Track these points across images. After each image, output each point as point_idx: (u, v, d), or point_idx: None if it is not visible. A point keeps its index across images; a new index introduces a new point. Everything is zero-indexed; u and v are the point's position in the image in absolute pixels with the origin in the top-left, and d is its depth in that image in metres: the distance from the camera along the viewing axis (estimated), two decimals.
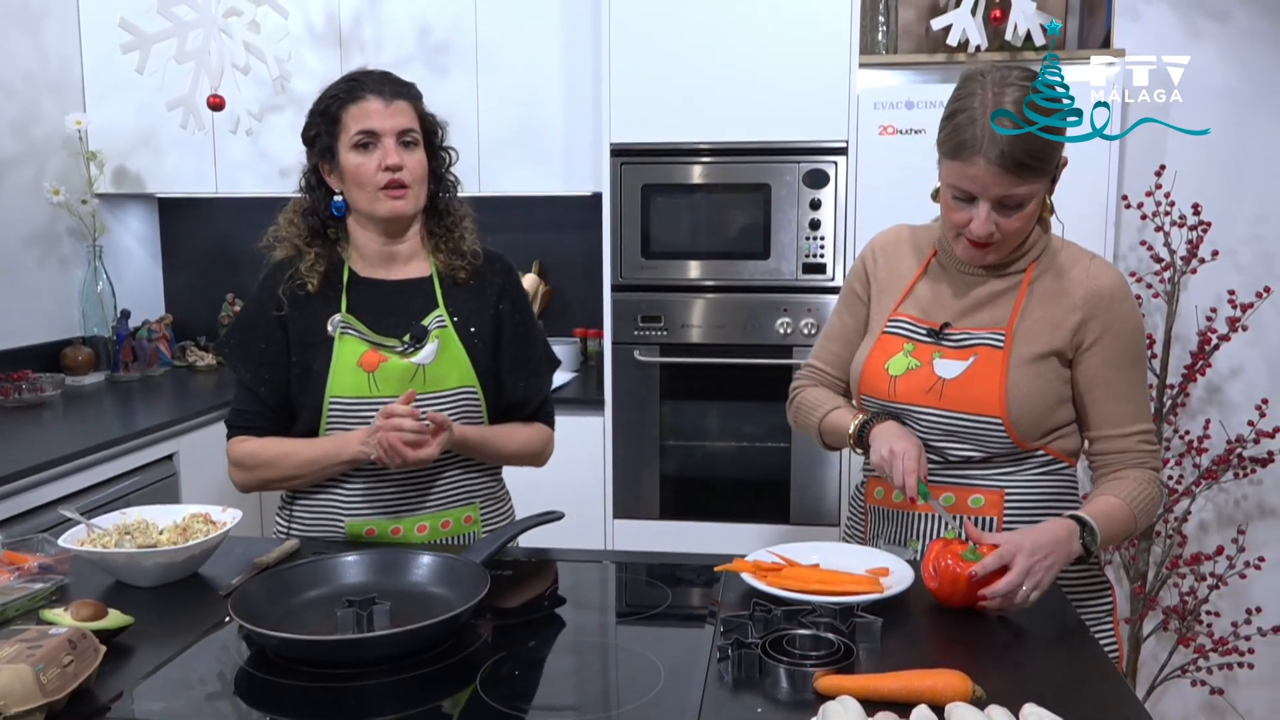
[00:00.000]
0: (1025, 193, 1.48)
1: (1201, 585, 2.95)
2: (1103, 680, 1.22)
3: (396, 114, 1.70)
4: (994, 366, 1.55)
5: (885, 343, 1.65)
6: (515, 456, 1.85)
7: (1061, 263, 1.60)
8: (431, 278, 1.79)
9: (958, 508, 1.60)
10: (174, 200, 3.77)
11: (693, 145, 2.93)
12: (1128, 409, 1.56)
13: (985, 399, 1.54)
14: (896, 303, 1.67)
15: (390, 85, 1.73)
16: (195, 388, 3.30)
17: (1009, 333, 1.56)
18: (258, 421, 1.75)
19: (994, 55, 2.88)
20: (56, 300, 3.34)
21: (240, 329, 1.79)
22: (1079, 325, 1.55)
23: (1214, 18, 2.99)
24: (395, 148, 1.69)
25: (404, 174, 1.69)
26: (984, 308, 1.61)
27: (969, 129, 1.46)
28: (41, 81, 3.25)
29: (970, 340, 1.59)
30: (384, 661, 1.23)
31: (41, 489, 2.28)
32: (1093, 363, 1.56)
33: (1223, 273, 2.97)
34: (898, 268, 1.71)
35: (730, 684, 1.18)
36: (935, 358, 1.59)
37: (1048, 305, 1.57)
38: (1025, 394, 1.54)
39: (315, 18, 3.28)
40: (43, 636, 1.12)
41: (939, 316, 1.63)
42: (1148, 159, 2.97)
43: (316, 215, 1.76)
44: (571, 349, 3.45)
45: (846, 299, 1.77)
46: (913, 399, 1.59)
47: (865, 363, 1.66)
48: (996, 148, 1.43)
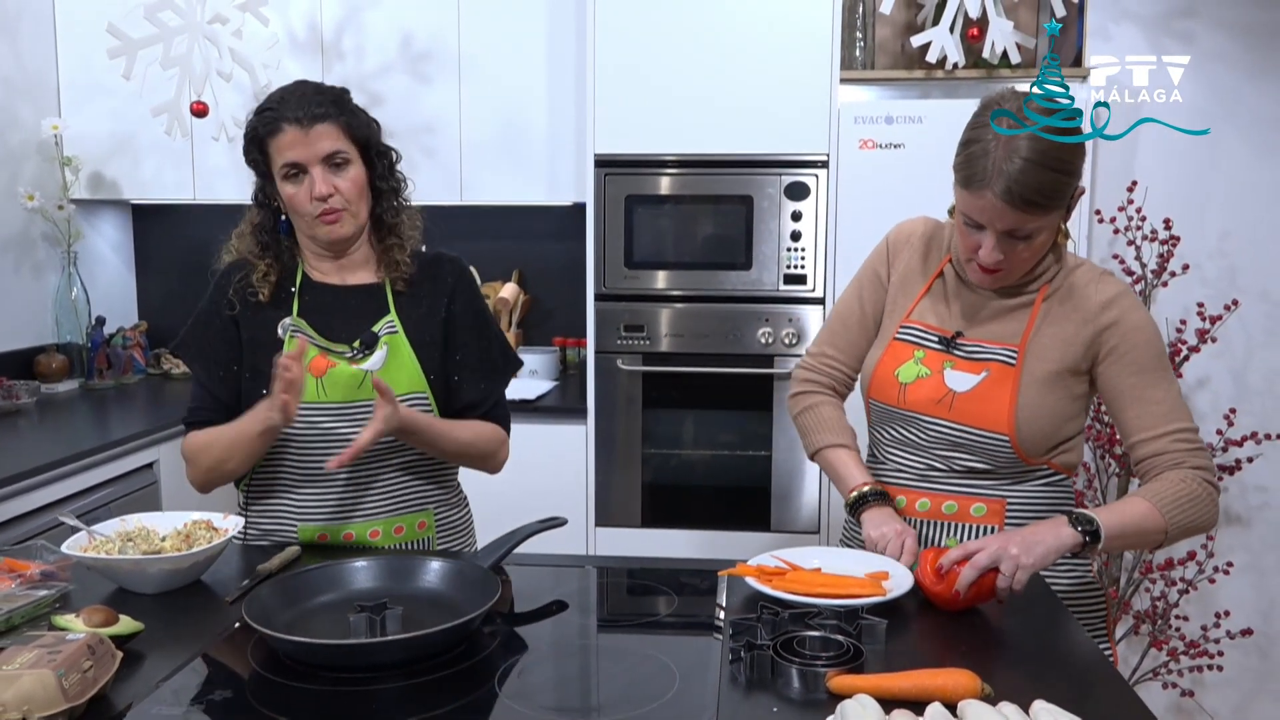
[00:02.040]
0: (1034, 227, 1.49)
1: (1172, 590, 3.03)
2: (1101, 678, 1.26)
3: (318, 139, 1.65)
4: (1006, 384, 1.57)
5: (896, 349, 1.68)
6: (466, 448, 1.78)
7: (1074, 282, 1.61)
8: (383, 284, 1.79)
9: (960, 515, 1.63)
10: (148, 207, 3.73)
11: (676, 157, 2.97)
12: (1156, 411, 1.55)
13: (995, 416, 1.57)
14: (910, 307, 1.69)
15: (308, 108, 1.65)
16: (171, 395, 3.27)
17: (1021, 350, 1.58)
18: (211, 418, 1.73)
19: (971, 73, 2.95)
20: (30, 306, 3.29)
21: (195, 327, 1.78)
22: (1092, 339, 1.57)
23: (1180, 39, 3.09)
24: (323, 175, 1.66)
25: (335, 199, 1.67)
26: (997, 320, 1.63)
27: (981, 161, 1.46)
28: (17, 86, 3.21)
29: (983, 354, 1.61)
30: (397, 666, 1.24)
31: (24, 496, 2.26)
32: (1113, 372, 1.57)
33: (1191, 286, 3.06)
34: (916, 263, 1.71)
35: (744, 685, 1.20)
36: (947, 367, 1.62)
37: (1060, 323, 1.59)
38: (1034, 413, 1.56)
39: (297, 26, 3.27)
40: (61, 642, 1.12)
41: (951, 325, 1.65)
42: (1119, 175, 3.05)
43: (267, 232, 1.77)
44: (551, 358, 3.46)
45: (868, 280, 1.76)
46: (922, 408, 1.62)
47: (876, 368, 1.69)
48: (1004, 183, 1.44)
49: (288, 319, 1.72)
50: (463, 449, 1.78)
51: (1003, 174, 1.44)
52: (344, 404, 1.69)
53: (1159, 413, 1.55)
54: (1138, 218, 2.95)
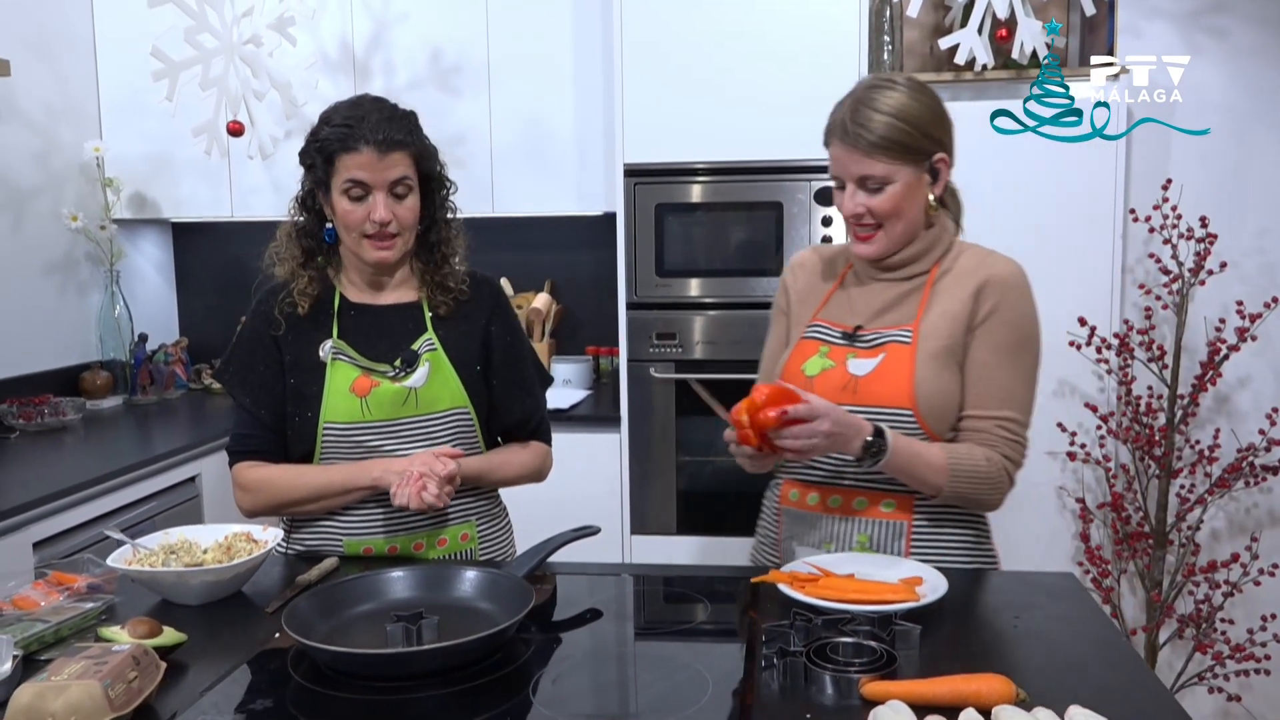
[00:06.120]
0: (883, 172, 1.59)
1: (1216, 593, 2.98)
2: (1140, 683, 1.24)
3: (390, 167, 1.67)
4: (903, 361, 1.62)
5: (803, 347, 1.73)
6: (514, 480, 1.87)
7: (963, 261, 1.68)
8: (421, 302, 1.80)
9: (870, 511, 1.66)
10: (188, 225, 3.81)
11: (705, 164, 2.98)
12: (996, 394, 1.62)
13: (896, 392, 1.61)
14: (815, 311, 1.76)
15: (387, 133, 1.66)
16: (212, 410, 3.33)
17: (916, 329, 1.64)
18: (261, 445, 1.76)
19: (1000, 74, 2.93)
20: (75, 325, 3.37)
21: (238, 354, 1.79)
22: (972, 312, 1.63)
23: (1214, 34, 3.05)
24: (385, 201, 1.68)
25: (392, 226, 1.69)
26: (893, 309, 1.69)
27: (833, 115, 1.63)
28: (58, 110, 3.29)
29: (880, 339, 1.67)
30: (433, 675, 1.25)
31: (71, 511, 2.31)
32: (975, 343, 1.63)
33: (1230, 284, 3.01)
34: (815, 281, 1.80)
35: (777, 691, 1.20)
36: (849, 358, 1.67)
37: (948, 300, 1.65)
38: (934, 386, 1.61)
39: (329, 45, 3.32)
40: (107, 653, 1.15)
41: (852, 321, 1.71)
42: (1154, 173, 3.02)
43: (310, 237, 1.78)
44: (584, 367, 3.48)
45: (773, 317, 1.86)
46: (828, 397, 1.62)
47: (784, 366, 1.73)
48: (843, 128, 1.59)
49: (328, 342, 1.74)
50: (509, 481, 1.87)
51: (846, 120, 1.59)
52: (389, 422, 1.72)
53: (997, 395, 1.62)
54: (1173, 216, 2.91)
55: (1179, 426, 2.97)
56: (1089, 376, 2.92)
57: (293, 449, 1.75)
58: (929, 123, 1.61)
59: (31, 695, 1.06)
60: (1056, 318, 2.87)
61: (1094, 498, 2.98)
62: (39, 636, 1.33)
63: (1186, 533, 3.01)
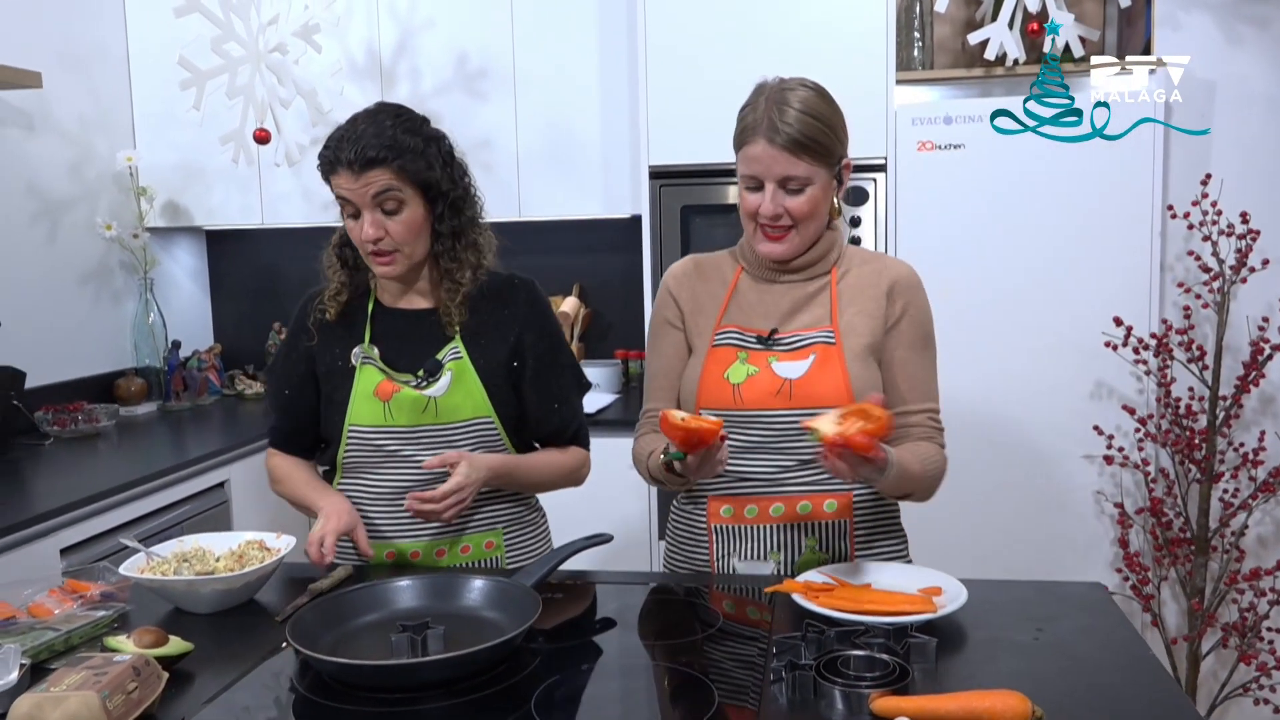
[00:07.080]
0: (805, 173, 1.58)
1: (1261, 601, 2.89)
2: (1164, 699, 1.20)
3: (368, 185, 1.63)
4: (833, 361, 1.62)
5: (718, 355, 1.68)
6: (548, 483, 1.85)
7: (860, 262, 1.71)
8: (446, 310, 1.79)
9: (814, 515, 1.65)
10: (221, 232, 3.85)
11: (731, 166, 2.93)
12: (920, 388, 1.67)
13: (833, 392, 1.60)
14: (717, 318, 1.71)
15: (360, 152, 1.62)
16: (244, 416, 3.36)
17: (835, 329, 1.65)
18: (291, 438, 1.87)
19: (1032, 69, 2.86)
20: (110, 332, 3.42)
21: (281, 356, 1.88)
22: (886, 312, 1.66)
23: (1255, 24, 2.96)
24: (372, 219, 1.65)
25: (385, 242, 1.67)
26: (803, 310, 1.68)
27: (751, 116, 1.60)
28: (93, 121, 3.34)
29: (803, 341, 1.65)
30: (439, 685, 1.24)
31: (100, 517, 2.33)
32: (892, 343, 1.67)
33: (1273, 281, 2.92)
34: (705, 288, 1.75)
35: (785, 706, 1.17)
36: (772, 362, 1.64)
37: (859, 299, 1.67)
38: (866, 384, 1.61)
39: (356, 51, 3.34)
40: (108, 664, 1.15)
41: (764, 324, 1.68)
42: (1193, 168, 2.93)
43: (347, 246, 1.80)
44: (613, 371, 3.46)
45: (659, 332, 1.78)
46: (761, 403, 1.62)
47: (701, 377, 1.67)
48: (771, 127, 1.57)
49: (359, 347, 1.77)
50: (544, 484, 1.86)
51: (770, 121, 1.57)
52: (410, 428, 1.73)
53: (920, 390, 1.67)
54: (1213, 212, 2.83)
55: (1221, 429, 2.89)
56: (1126, 378, 2.85)
57: (327, 451, 1.83)
58: (839, 126, 1.62)
59: (30, 706, 1.06)
60: (1092, 318, 2.81)
61: (1133, 502, 2.90)
62: (49, 645, 1.34)
63: (1230, 539, 2.92)
